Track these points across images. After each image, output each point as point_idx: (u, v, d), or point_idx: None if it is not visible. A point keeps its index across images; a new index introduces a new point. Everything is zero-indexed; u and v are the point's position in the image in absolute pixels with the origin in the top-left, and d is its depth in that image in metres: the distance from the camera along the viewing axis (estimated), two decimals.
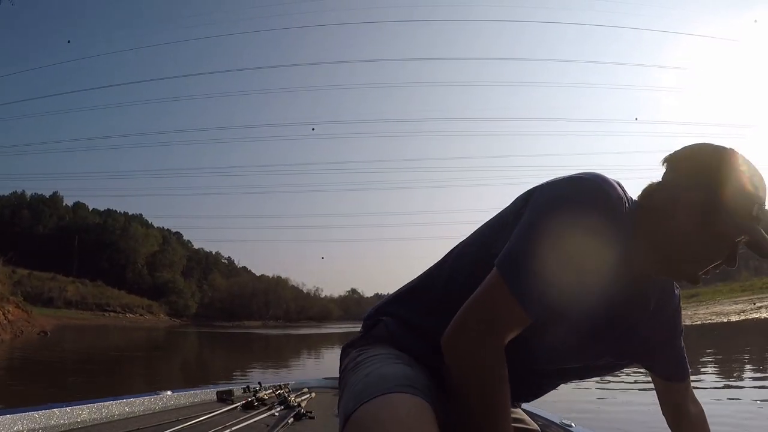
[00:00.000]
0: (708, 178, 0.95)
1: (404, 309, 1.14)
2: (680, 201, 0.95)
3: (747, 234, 0.92)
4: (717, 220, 0.92)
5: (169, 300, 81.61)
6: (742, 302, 32.60)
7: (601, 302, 0.99)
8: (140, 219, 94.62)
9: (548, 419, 2.54)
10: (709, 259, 0.95)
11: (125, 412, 2.45)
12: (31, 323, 29.19)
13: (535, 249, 0.91)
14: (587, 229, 0.91)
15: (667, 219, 0.96)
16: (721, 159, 0.97)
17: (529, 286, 0.91)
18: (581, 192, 0.94)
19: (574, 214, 0.92)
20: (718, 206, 0.92)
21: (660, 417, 1.26)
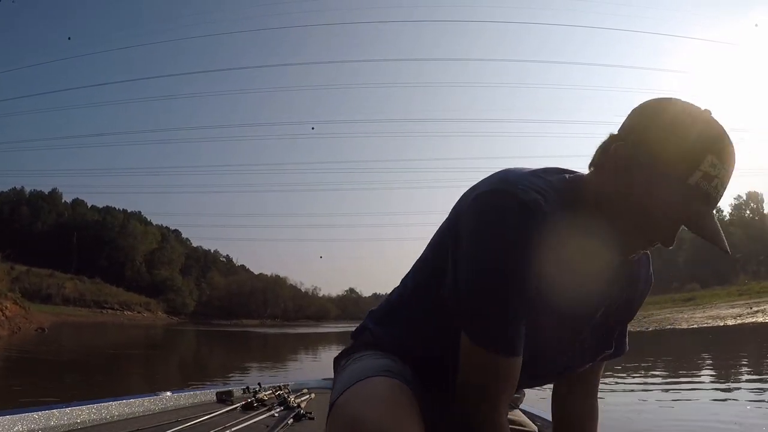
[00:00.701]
0: (639, 131, 0.88)
1: (379, 322, 1.16)
2: (618, 156, 0.89)
3: (674, 210, 0.85)
4: (652, 182, 0.85)
5: (167, 298, 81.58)
6: (739, 306, 32.56)
7: (584, 299, 0.97)
8: (139, 216, 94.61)
9: (548, 420, 2.53)
10: (659, 238, 0.89)
11: (125, 412, 2.44)
12: (28, 320, 29.21)
13: (490, 296, 0.88)
14: (523, 243, 0.86)
15: (604, 182, 0.91)
16: (664, 114, 0.88)
17: (501, 331, 0.88)
18: (501, 214, 0.87)
19: (505, 233, 0.86)
20: (641, 162, 0.86)
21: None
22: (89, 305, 66.46)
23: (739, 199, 70.70)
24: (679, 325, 28.18)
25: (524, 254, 0.86)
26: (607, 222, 0.90)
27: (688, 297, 44.84)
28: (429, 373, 1.04)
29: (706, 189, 0.83)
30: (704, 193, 0.83)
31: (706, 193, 0.83)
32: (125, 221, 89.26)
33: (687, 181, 0.82)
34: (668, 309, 39.64)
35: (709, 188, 0.83)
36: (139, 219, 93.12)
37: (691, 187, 0.82)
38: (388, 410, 0.85)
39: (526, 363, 0.93)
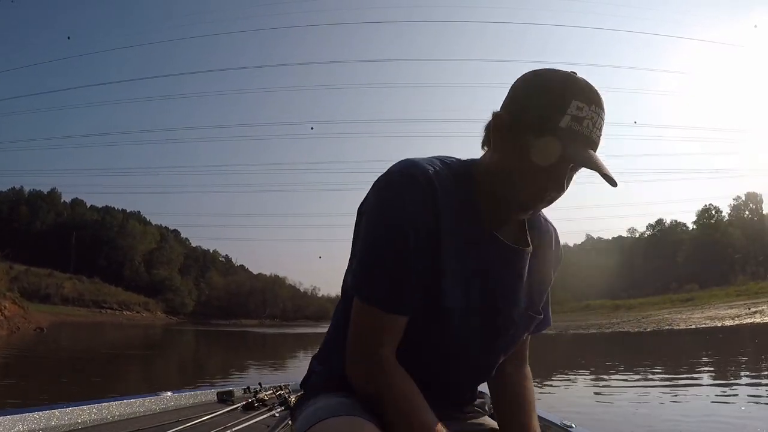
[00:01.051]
0: (512, 99, 0.95)
1: (323, 361, 1.13)
2: (492, 130, 0.96)
3: (554, 154, 0.89)
4: (527, 140, 0.91)
5: (166, 298, 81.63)
6: (737, 307, 32.59)
7: (471, 265, 0.98)
8: (138, 216, 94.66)
9: (548, 420, 2.53)
10: (545, 189, 0.94)
11: (125, 412, 2.44)
12: (27, 319, 29.20)
13: (370, 252, 0.94)
14: (407, 202, 0.92)
15: (492, 155, 0.98)
16: (531, 78, 0.95)
17: (379, 288, 0.92)
18: (391, 184, 0.95)
19: (390, 199, 0.93)
20: (526, 124, 0.91)
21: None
22: (88, 305, 66.45)
23: (738, 199, 70.96)
24: (678, 325, 28.21)
25: (407, 213, 0.92)
26: (499, 187, 0.96)
27: (686, 297, 44.89)
28: None
29: (578, 129, 0.88)
30: (577, 133, 0.88)
31: (579, 132, 0.88)
32: (124, 221, 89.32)
33: (559, 125, 0.88)
34: (667, 309, 39.69)
35: (581, 128, 0.88)
36: (138, 219, 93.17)
37: (563, 130, 0.88)
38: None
39: (467, 345, 0.99)
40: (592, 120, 0.90)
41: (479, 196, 0.99)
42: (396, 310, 0.93)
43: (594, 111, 0.90)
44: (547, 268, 1.13)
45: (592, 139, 0.91)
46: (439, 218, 0.93)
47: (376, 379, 0.93)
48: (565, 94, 0.89)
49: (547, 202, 0.97)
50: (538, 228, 1.11)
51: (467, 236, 0.97)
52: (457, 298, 0.97)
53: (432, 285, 0.95)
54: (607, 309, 47.62)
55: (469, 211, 0.98)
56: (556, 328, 35.46)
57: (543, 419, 2.54)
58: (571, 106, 0.88)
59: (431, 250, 0.94)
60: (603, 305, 50.34)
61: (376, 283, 0.93)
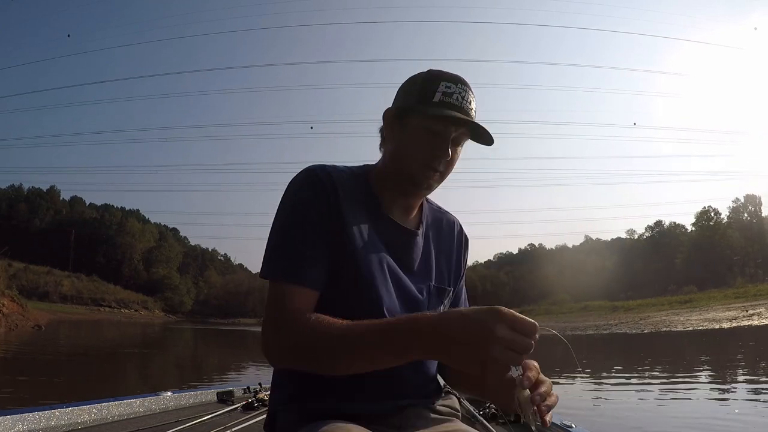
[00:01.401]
0: (397, 95, 1.13)
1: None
2: (384, 125, 1.13)
3: (432, 123, 1.04)
4: (410, 118, 1.07)
5: (164, 296, 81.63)
6: (735, 309, 32.53)
7: (375, 244, 1.09)
8: (137, 214, 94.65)
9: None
10: (433, 156, 1.06)
11: (126, 413, 2.44)
12: (25, 317, 29.12)
13: (272, 236, 1.06)
14: (309, 190, 1.06)
15: (385, 148, 1.14)
16: (410, 77, 1.13)
17: (281, 261, 1.02)
18: (292, 179, 1.09)
19: (292, 192, 1.07)
20: (408, 106, 1.07)
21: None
22: (86, 303, 66.42)
23: (737, 202, 70.96)
24: (675, 327, 28.17)
25: (304, 197, 1.05)
26: (392, 170, 1.11)
27: (685, 299, 44.88)
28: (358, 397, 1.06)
29: (449, 100, 1.04)
30: (448, 103, 1.04)
31: (449, 102, 1.04)
32: (123, 219, 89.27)
33: (433, 99, 1.04)
34: (665, 311, 39.67)
35: (452, 100, 1.04)
36: (137, 217, 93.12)
37: (436, 103, 1.04)
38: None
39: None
40: (460, 94, 1.05)
41: (375, 186, 1.13)
42: (298, 280, 1.00)
43: (461, 88, 1.06)
44: (449, 248, 1.24)
45: (464, 108, 1.05)
46: (339, 202, 1.06)
47: (295, 333, 0.96)
48: (435, 77, 1.07)
49: (435, 171, 1.08)
50: (436, 216, 1.25)
51: (366, 220, 1.10)
52: (372, 274, 1.06)
53: (343, 263, 1.04)
54: (606, 310, 47.58)
55: (366, 199, 1.12)
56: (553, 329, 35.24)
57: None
58: (440, 85, 1.05)
59: (333, 230, 1.05)
60: (601, 306, 50.32)
61: (278, 258, 1.03)
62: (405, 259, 1.13)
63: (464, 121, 1.04)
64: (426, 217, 1.21)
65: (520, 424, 2.74)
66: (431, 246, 1.20)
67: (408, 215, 1.17)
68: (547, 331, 0.91)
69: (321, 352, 0.94)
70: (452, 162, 1.10)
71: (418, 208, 1.20)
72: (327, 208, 1.05)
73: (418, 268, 1.15)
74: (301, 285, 1.00)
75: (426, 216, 1.21)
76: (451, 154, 1.07)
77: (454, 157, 1.09)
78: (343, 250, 1.04)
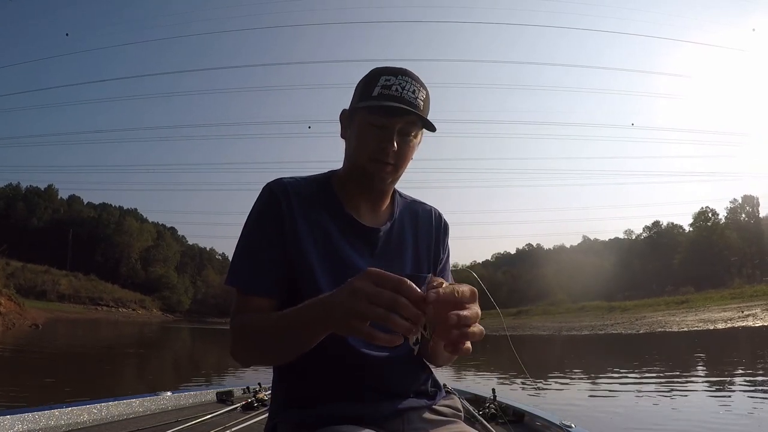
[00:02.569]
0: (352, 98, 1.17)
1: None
2: (341, 123, 1.18)
3: (367, 111, 1.08)
4: (356, 116, 1.11)
5: (162, 295, 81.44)
6: (731, 310, 32.47)
7: (330, 245, 1.12)
8: (135, 213, 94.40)
9: (548, 420, 2.54)
10: (379, 149, 1.09)
11: (125, 412, 2.43)
12: (23, 316, 29.07)
13: (236, 248, 1.12)
14: (264, 204, 1.12)
15: (346, 143, 1.17)
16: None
17: (239, 272, 1.09)
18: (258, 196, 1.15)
19: (253, 208, 1.13)
20: (353, 105, 1.13)
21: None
22: (84, 302, 66.24)
23: (734, 202, 70.99)
24: (670, 328, 28.13)
25: (260, 213, 1.11)
26: (348, 166, 1.16)
27: (682, 300, 44.85)
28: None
29: (387, 93, 1.07)
30: (386, 96, 1.07)
31: (388, 95, 1.07)
32: (121, 218, 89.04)
33: (372, 94, 1.08)
34: (661, 312, 39.65)
35: (390, 92, 1.07)
36: (134, 216, 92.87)
37: (375, 97, 1.07)
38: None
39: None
40: (400, 85, 1.08)
41: (337, 188, 1.18)
42: (249, 288, 1.07)
43: (401, 79, 1.09)
44: (427, 235, 1.26)
45: (404, 98, 1.07)
46: (292, 211, 1.11)
47: (238, 334, 1.04)
48: (375, 73, 1.11)
49: (385, 164, 1.10)
50: (411, 207, 1.27)
51: (325, 222, 1.14)
52: (325, 278, 1.09)
53: (298, 266, 1.09)
54: (602, 310, 47.52)
55: (327, 202, 1.16)
56: (549, 329, 35.44)
57: (543, 419, 2.55)
58: (380, 80, 1.09)
59: (288, 238, 1.10)
60: (598, 307, 50.26)
61: (236, 269, 1.09)
62: (369, 253, 1.16)
63: (403, 111, 1.06)
64: (398, 209, 1.24)
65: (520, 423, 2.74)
66: (406, 236, 1.22)
67: (376, 211, 1.20)
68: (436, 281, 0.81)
69: (256, 345, 1.02)
70: (404, 153, 1.11)
71: (389, 203, 1.23)
72: (280, 219, 1.10)
73: (387, 259, 1.17)
74: (250, 293, 1.07)
75: (398, 209, 1.24)
76: (399, 145, 1.09)
77: (405, 147, 1.11)
78: (298, 255, 1.10)
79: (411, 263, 1.21)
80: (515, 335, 27.75)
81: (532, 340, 26.51)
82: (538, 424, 2.63)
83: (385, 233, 1.19)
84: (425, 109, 1.12)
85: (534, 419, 2.69)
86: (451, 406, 1.20)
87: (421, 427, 1.10)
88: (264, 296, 1.07)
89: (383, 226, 1.19)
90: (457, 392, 3.00)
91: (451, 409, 1.19)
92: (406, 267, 1.19)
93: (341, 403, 1.05)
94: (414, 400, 1.12)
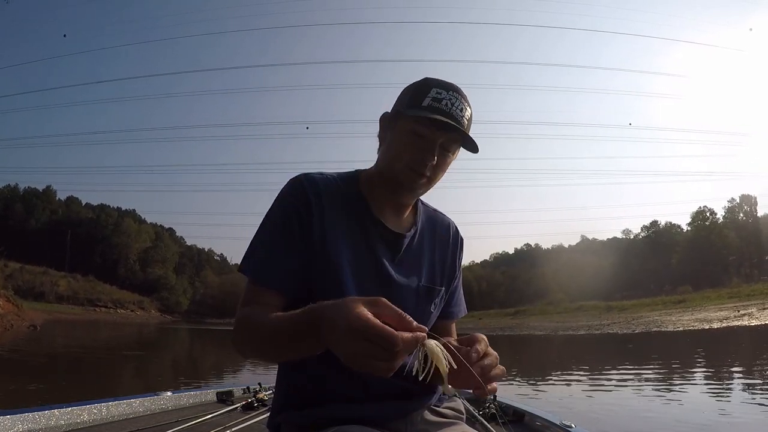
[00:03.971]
0: (395, 102, 1.15)
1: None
2: (380, 128, 1.17)
3: (413, 119, 1.06)
4: (400, 121, 1.09)
5: (160, 296, 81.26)
6: (727, 309, 32.49)
7: (356, 246, 1.10)
8: (133, 214, 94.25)
9: (548, 420, 2.55)
10: (418, 160, 1.07)
11: (125, 413, 2.43)
12: (21, 317, 29.02)
13: (254, 237, 1.10)
14: (294, 198, 1.09)
15: (383, 146, 1.15)
16: (412, 83, 1.15)
17: (253, 261, 1.07)
18: (284, 186, 1.13)
19: (278, 198, 1.11)
20: (399, 110, 1.10)
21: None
22: (82, 303, 66.12)
23: (732, 202, 71.09)
24: (666, 327, 28.13)
25: (286, 204, 1.09)
26: (382, 170, 1.13)
27: (679, 299, 44.92)
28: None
29: (437, 106, 1.06)
30: (436, 108, 1.05)
31: (437, 108, 1.05)
32: (119, 219, 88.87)
33: (422, 104, 1.06)
34: (658, 311, 39.70)
35: (440, 105, 1.06)
36: (133, 217, 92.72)
37: (425, 106, 1.06)
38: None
39: None
40: (450, 101, 1.07)
41: (364, 189, 1.16)
42: (263, 280, 1.05)
43: (452, 95, 1.08)
44: (443, 248, 1.25)
45: (453, 114, 1.06)
46: (322, 207, 1.09)
47: (240, 326, 1.02)
48: (427, 84, 1.09)
49: (421, 175, 1.09)
50: (431, 217, 1.26)
51: (352, 222, 1.12)
52: (351, 279, 1.07)
53: (326, 271, 1.07)
54: (600, 310, 47.57)
55: (354, 202, 1.14)
56: (546, 329, 35.42)
57: (543, 419, 2.56)
58: (431, 91, 1.07)
59: (314, 235, 1.07)
60: (596, 306, 50.32)
61: (250, 257, 1.08)
62: (391, 259, 1.14)
63: (451, 126, 1.04)
64: (420, 218, 1.22)
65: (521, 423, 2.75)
66: (424, 246, 1.21)
67: (400, 216, 1.18)
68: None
69: (253, 340, 1.00)
70: (440, 167, 1.10)
71: (411, 209, 1.22)
72: (307, 214, 1.08)
73: (406, 267, 1.16)
74: (264, 285, 1.05)
75: (420, 217, 1.23)
76: (438, 159, 1.08)
77: (442, 162, 1.10)
78: (323, 254, 1.07)
79: (426, 274, 1.19)
80: (513, 335, 27.74)
81: (529, 339, 26.56)
82: (538, 424, 2.64)
83: (409, 240, 1.17)
84: (468, 128, 1.10)
85: (534, 419, 2.69)
86: (453, 408, 1.21)
87: (424, 428, 1.11)
88: (275, 290, 1.05)
89: (408, 233, 1.17)
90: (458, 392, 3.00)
91: (453, 410, 1.20)
92: (422, 277, 1.18)
93: (345, 404, 1.05)
94: (417, 401, 1.12)
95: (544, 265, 75.80)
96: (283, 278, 1.05)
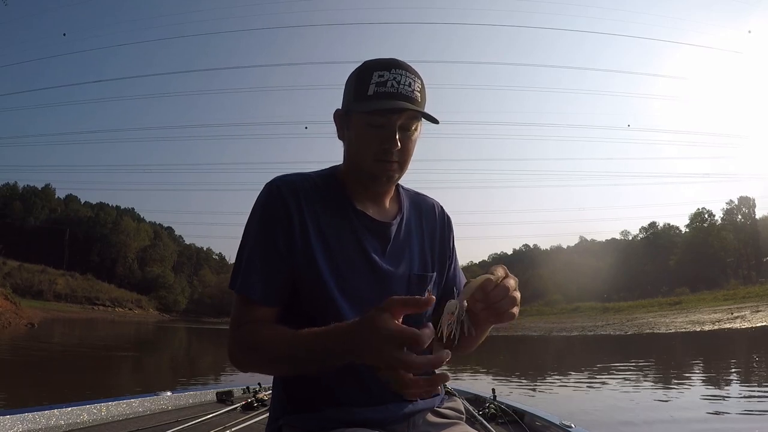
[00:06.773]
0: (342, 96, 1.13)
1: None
2: (336, 122, 1.15)
3: (373, 118, 1.04)
4: (353, 118, 1.08)
5: (159, 295, 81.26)
6: (721, 311, 32.44)
7: (342, 242, 1.10)
8: (132, 213, 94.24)
9: (548, 420, 2.55)
10: (382, 150, 1.06)
11: (125, 413, 2.43)
12: (19, 315, 29.01)
13: (239, 253, 1.09)
14: (272, 206, 1.08)
15: (346, 144, 1.13)
16: (352, 72, 1.12)
17: (245, 279, 1.05)
18: (259, 194, 1.11)
19: (255, 208, 1.10)
20: (348, 107, 1.08)
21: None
22: (81, 301, 66.12)
23: (731, 203, 71.16)
24: (659, 329, 28.12)
25: (265, 215, 1.08)
26: (351, 166, 1.12)
27: (675, 301, 44.91)
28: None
29: (383, 90, 1.03)
30: (383, 93, 1.03)
31: (384, 92, 1.03)
32: (118, 218, 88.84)
33: (368, 94, 1.04)
34: (653, 313, 39.68)
35: (386, 88, 1.03)
36: (131, 216, 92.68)
37: (371, 96, 1.04)
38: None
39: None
40: (395, 79, 1.04)
41: (343, 184, 1.15)
42: (252, 295, 1.04)
43: (395, 73, 1.05)
44: (432, 231, 1.24)
45: (401, 92, 1.04)
46: (301, 210, 1.08)
47: (239, 343, 1.03)
48: (368, 68, 1.06)
49: (390, 162, 1.07)
50: (414, 201, 1.25)
51: (336, 219, 1.11)
52: (337, 277, 1.07)
53: (312, 272, 1.06)
54: (596, 311, 47.57)
55: (336, 198, 1.13)
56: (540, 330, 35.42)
57: (543, 419, 2.55)
58: (373, 76, 1.04)
59: (297, 238, 1.07)
60: (592, 307, 50.33)
61: (237, 274, 1.07)
62: (381, 249, 1.13)
63: (403, 107, 1.02)
64: (404, 203, 1.21)
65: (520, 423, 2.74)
66: (412, 232, 1.20)
67: (382, 205, 1.17)
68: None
69: (264, 362, 1.01)
70: (406, 148, 1.08)
71: (393, 196, 1.21)
72: (288, 220, 1.07)
73: (397, 255, 1.15)
74: (253, 300, 1.04)
75: (404, 202, 1.22)
76: (401, 142, 1.06)
77: (406, 143, 1.08)
78: (308, 259, 1.06)
79: (418, 261, 1.18)
80: (508, 336, 27.75)
81: (524, 340, 26.56)
82: (538, 424, 2.63)
83: (396, 228, 1.16)
84: (422, 100, 1.08)
85: (534, 419, 2.69)
86: (454, 408, 1.20)
87: (425, 430, 1.10)
88: (265, 304, 1.05)
89: (393, 221, 1.16)
90: (458, 393, 3.00)
91: (453, 411, 1.19)
92: (414, 265, 1.17)
93: (347, 407, 1.05)
94: (419, 403, 1.11)
95: (542, 265, 75.79)
96: (273, 292, 1.05)
